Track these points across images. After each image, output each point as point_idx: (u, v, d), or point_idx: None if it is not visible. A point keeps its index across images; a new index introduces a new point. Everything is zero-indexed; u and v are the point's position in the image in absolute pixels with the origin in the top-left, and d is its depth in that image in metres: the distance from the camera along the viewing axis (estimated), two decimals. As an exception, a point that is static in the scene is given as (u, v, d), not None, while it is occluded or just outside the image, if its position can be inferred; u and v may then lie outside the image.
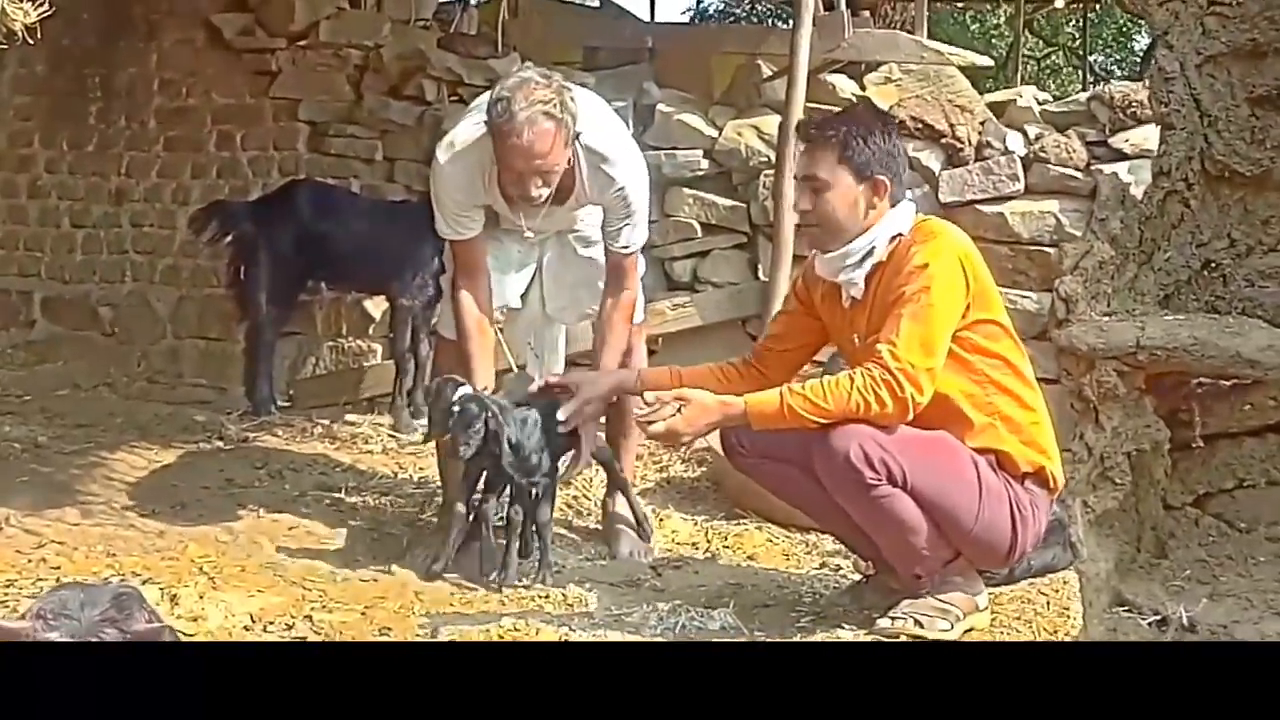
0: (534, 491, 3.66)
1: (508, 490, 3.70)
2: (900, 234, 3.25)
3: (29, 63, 6.18)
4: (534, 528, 3.70)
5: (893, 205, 3.27)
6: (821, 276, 3.38)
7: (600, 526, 4.13)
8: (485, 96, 3.75)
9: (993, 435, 3.22)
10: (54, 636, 1.92)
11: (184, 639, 3.10)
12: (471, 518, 3.71)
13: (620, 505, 4.07)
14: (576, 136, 3.60)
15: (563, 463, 3.76)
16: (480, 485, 3.70)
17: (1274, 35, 1.97)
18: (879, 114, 3.50)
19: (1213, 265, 1.97)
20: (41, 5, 2.02)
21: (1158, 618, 1.73)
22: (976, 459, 3.20)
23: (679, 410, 3.20)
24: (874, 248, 3.24)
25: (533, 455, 3.61)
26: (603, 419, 3.93)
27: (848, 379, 3.12)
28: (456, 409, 3.53)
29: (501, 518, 3.74)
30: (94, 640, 1.94)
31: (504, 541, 3.67)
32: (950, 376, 3.18)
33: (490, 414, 3.52)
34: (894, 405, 3.09)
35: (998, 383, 3.23)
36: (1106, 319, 1.80)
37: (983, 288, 3.23)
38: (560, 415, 3.56)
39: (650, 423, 3.23)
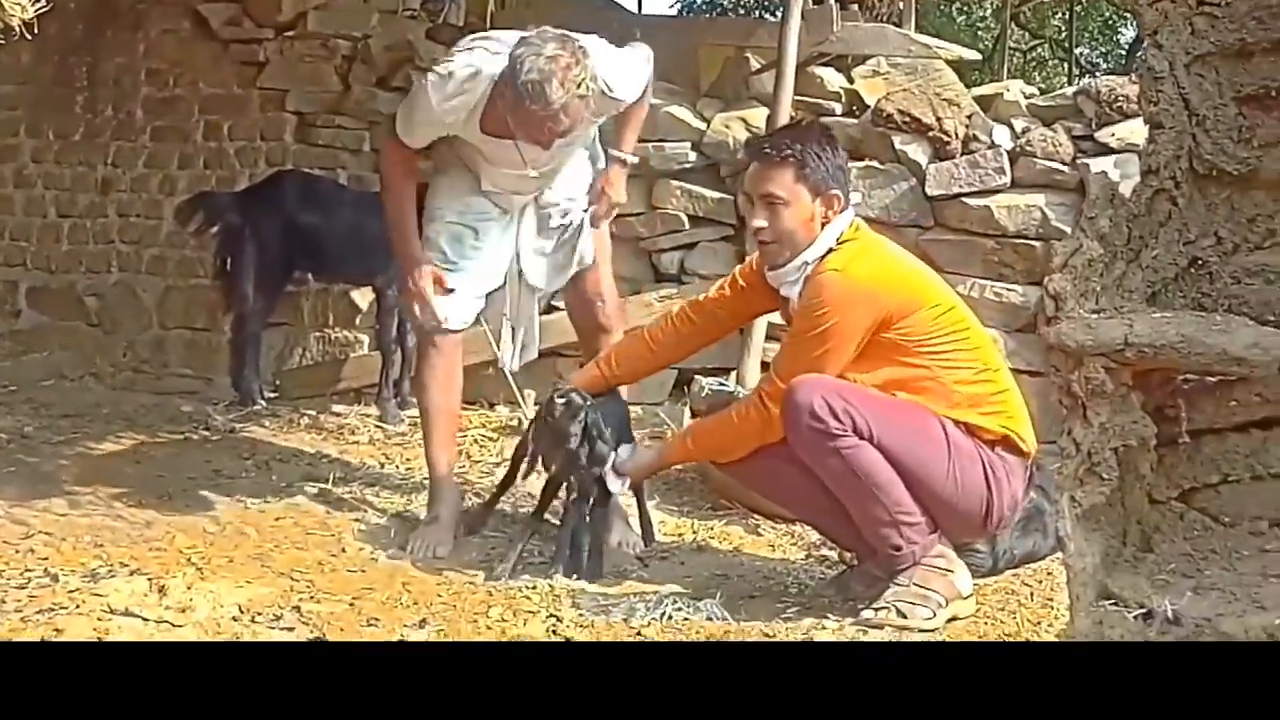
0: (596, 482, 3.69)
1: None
2: (831, 248, 3.33)
3: (14, 51, 6.14)
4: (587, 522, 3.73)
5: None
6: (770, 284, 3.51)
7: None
8: (482, 40, 3.84)
9: (944, 410, 3.27)
10: None
11: (172, 629, 3.14)
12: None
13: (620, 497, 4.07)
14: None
15: None
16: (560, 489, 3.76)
17: (1262, 35, 1.98)
18: (825, 129, 3.60)
19: (1200, 263, 1.99)
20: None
21: (1143, 610, 1.75)
22: (944, 420, 3.25)
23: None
24: (807, 263, 3.35)
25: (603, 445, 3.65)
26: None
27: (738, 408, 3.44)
28: (562, 401, 3.56)
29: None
30: None
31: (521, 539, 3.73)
32: (884, 374, 3.27)
33: (589, 405, 3.58)
34: (764, 422, 3.32)
35: (944, 364, 3.29)
36: (1095, 316, 1.81)
37: (908, 294, 3.31)
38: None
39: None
